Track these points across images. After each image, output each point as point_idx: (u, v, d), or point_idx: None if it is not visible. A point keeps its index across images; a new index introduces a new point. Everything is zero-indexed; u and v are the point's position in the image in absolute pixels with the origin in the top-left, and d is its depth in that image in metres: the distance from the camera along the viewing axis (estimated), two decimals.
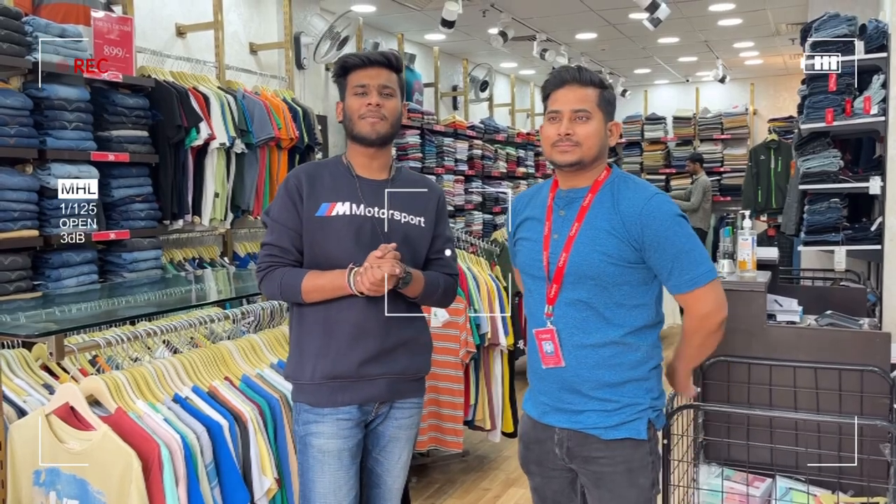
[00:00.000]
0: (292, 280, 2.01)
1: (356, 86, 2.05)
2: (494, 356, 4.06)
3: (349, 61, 2.08)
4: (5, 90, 3.42)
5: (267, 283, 2.06)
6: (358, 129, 2.06)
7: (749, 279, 3.09)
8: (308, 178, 2.07)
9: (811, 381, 2.82)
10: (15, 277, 3.40)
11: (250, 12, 5.57)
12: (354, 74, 2.06)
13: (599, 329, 1.86)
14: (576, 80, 1.87)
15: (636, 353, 1.88)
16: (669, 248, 1.82)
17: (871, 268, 4.86)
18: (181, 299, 2.93)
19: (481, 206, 7.77)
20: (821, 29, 4.34)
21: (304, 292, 2.00)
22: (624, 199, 1.86)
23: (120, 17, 4.00)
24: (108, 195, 3.92)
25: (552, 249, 1.89)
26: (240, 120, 4.52)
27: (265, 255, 2.07)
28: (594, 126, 1.87)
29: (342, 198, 2.04)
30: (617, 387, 1.88)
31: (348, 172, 2.09)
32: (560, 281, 1.88)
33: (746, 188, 8.54)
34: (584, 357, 1.88)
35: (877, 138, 4.54)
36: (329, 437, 2.03)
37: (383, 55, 2.08)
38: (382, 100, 2.05)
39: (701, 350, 1.98)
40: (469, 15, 6.37)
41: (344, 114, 2.09)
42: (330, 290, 1.99)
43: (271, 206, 2.09)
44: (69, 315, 2.38)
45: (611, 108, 1.93)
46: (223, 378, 2.35)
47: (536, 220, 1.97)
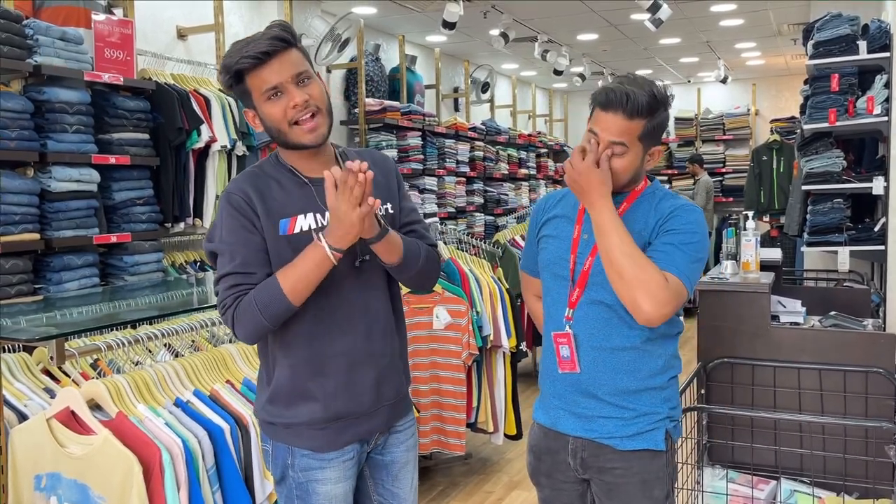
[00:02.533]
0: (267, 291, 1.65)
1: (266, 90, 1.66)
2: (497, 358, 4.05)
3: (240, 65, 1.66)
4: (6, 93, 3.42)
5: (241, 315, 1.66)
6: (294, 138, 1.70)
7: (752, 280, 3.08)
8: (255, 191, 1.70)
9: (815, 382, 2.81)
10: (16, 281, 3.40)
11: (251, 14, 5.57)
12: (254, 76, 1.67)
13: (620, 332, 1.81)
14: (622, 108, 1.73)
15: (657, 360, 1.83)
16: (675, 236, 1.76)
17: (874, 268, 4.84)
18: (183, 302, 2.92)
19: (483, 208, 7.76)
20: (823, 29, 4.33)
21: (288, 293, 1.64)
22: (664, 202, 1.83)
23: (121, 20, 4.00)
24: (109, 198, 3.91)
25: (580, 251, 1.85)
26: (241, 122, 4.51)
27: (227, 288, 1.67)
28: (629, 160, 1.77)
29: (300, 209, 1.72)
30: (634, 394, 1.82)
31: (295, 177, 1.75)
32: (584, 285, 1.83)
33: (749, 189, 8.53)
34: (602, 360, 1.82)
35: (880, 138, 4.53)
36: (337, 482, 1.80)
37: (276, 37, 1.66)
38: (305, 90, 1.68)
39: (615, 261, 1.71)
40: (470, 16, 6.36)
41: (264, 124, 1.71)
42: (312, 270, 1.64)
43: (214, 232, 1.73)
44: (70, 319, 2.37)
45: (657, 133, 1.80)
46: (224, 381, 2.34)
47: (566, 218, 1.91)
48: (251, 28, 5.55)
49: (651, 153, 1.82)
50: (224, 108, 4.41)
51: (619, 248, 1.70)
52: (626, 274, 1.69)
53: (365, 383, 1.79)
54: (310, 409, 1.75)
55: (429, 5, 6.29)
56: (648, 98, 1.73)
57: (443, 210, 6.88)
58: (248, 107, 1.73)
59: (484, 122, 8.03)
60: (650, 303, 1.67)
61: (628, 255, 1.69)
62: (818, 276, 4.93)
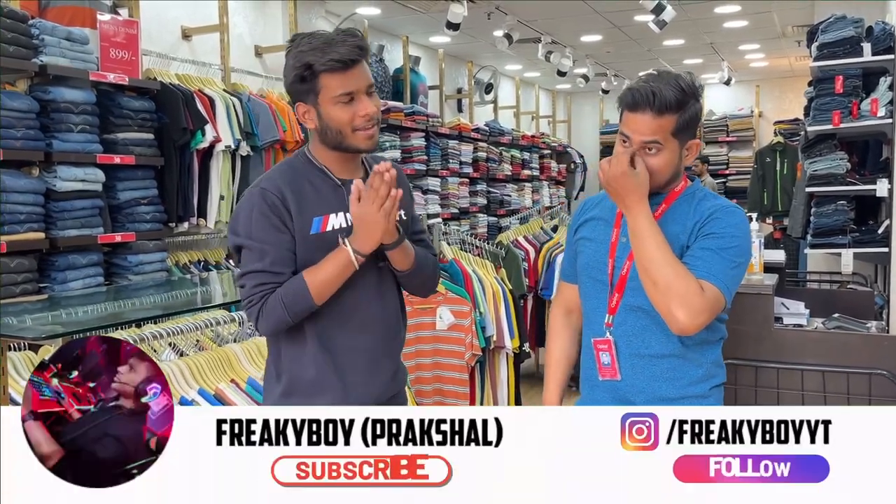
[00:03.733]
0: (294, 290, 1.71)
1: (341, 94, 1.70)
2: (500, 359, 4.05)
3: (326, 66, 1.68)
4: (12, 93, 3.43)
5: (267, 311, 1.71)
6: (353, 142, 1.74)
7: (756, 282, 3.08)
8: (291, 190, 1.74)
9: (819, 384, 2.81)
10: (21, 280, 3.41)
11: (255, 15, 5.58)
12: (330, 78, 1.69)
13: (658, 340, 1.75)
14: (649, 106, 1.67)
15: (698, 369, 1.77)
16: (715, 240, 1.70)
17: (878, 271, 4.84)
18: (187, 302, 2.93)
19: (486, 209, 7.77)
20: (827, 31, 4.33)
21: (314, 294, 1.70)
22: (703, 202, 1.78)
23: (126, 20, 4.01)
24: (113, 198, 3.92)
25: (618, 254, 1.79)
26: (245, 122, 4.53)
27: (256, 285, 1.71)
28: (665, 157, 1.72)
29: (333, 208, 1.77)
30: (673, 402, 1.73)
31: (328, 178, 1.79)
32: (622, 290, 1.78)
33: (752, 191, 8.52)
34: (641, 368, 1.77)
35: (884, 141, 4.53)
36: None
37: (359, 46, 1.70)
38: (373, 102, 1.74)
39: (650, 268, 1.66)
40: (474, 17, 6.37)
41: (321, 123, 1.74)
42: (336, 273, 1.71)
43: (240, 226, 1.74)
44: (75, 318, 2.38)
45: (691, 126, 1.73)
46: (229, 381, 2.35)
47: (603, 221, 1.86)
48: (255, 29, 5.56)
49: (688, 147, 1.77)
50: (228, 108, 4.42)
51: (654, 254, 1.66)
52: (660, 282, 1.64)
53: (385, 376, 1.86)
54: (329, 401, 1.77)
55: (433, 6, 6.30)
56: (676, 92, 1.68)
57: (446, 211, 6.88)
58: (306, 102, 1.74)
59: (487, 123, 8.03)
60: (684, 312, 1.63)
61: (664, 263, 1.65)
62: (821, 278, 4.93)
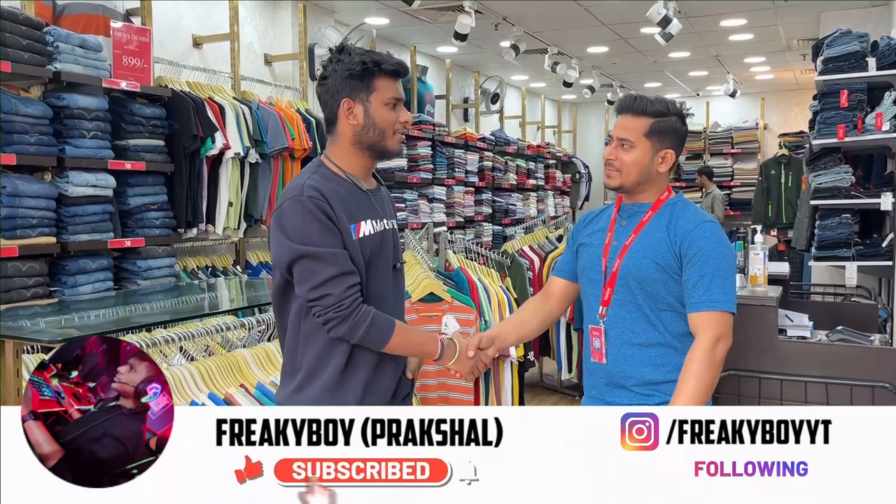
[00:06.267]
0: (382, 329, 1.80)
1: (390, 98, 1.85)
2: (504, 368, 4.07)
3: (390, 66, 1.85)
4: (26, 99, 3.47)
5: (375, 325, 1.78)
6: (389, 144, 1.88)
7: (760, 294, 3.10)
8: (332, 196, 1.80)
9: (822, 396, 2.83)
10: (32, 283, 3.45)
11: (265, 24, 5.63)
12: (385, 82, 1.85)
13: (646, 330, 1.95)
14: (629, 108, 1.97)
15: (682, 356, 1.92)
16: (705, 265, 1.89)
17: (882, 284, 4.85)
18: (195, 307, 2.96)
19: (491, 218, 7.80)
20: (833, 45, 4.36)
21: (391, 345, 1.81)
22: (679, 218, 1.97)
23: (138, 28, 4.06)
24: (124, 203, 3.96)
25: (610, 255, 2.01)
26: (254, 130, 4.57)
27: (348, 287, 1.75)
28: (635, 155, 1.96)
29: (364, 215, 1.85)
30: (660, 384, 1.94)
31: (355, 186, 1.88)
32: (613, 284, 1.99)
33: (757, 203, 8.53)
34: (630, 355, 1.96)
35: (888, 154, 4.55)
36: None
37: (404, 65, 1.91)
38: (408, 113, 1.94)
39: (699, 384, 1.86)
40: (481, 28, 6.41)
41: (366, 120, 1.84)
42: (413, 348, 1.90)
43: (296, 234, 1.76)
44: (87, 321, 2.41)
45: (666, 136, 1.97)
46: (239, 385, 2.37)
47: (601, 230, 2.08)
48: (266, 37, 5.61)
49: (663, 155, 1.97)
50: (238, 116, 4.46)
51: (700, 392, 1.85)
52: (710, 384, 1.86)
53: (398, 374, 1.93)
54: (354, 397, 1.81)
55: (441, 17, 6.34)
56: (656, 102, 1.97)
57: (451, 219, 6.91)
58: (354, 98, 1.84)
59: (493, 132, 8.07)
60: (723, 351, 1.88)
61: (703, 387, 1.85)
62: (826, 290, 4.94)
